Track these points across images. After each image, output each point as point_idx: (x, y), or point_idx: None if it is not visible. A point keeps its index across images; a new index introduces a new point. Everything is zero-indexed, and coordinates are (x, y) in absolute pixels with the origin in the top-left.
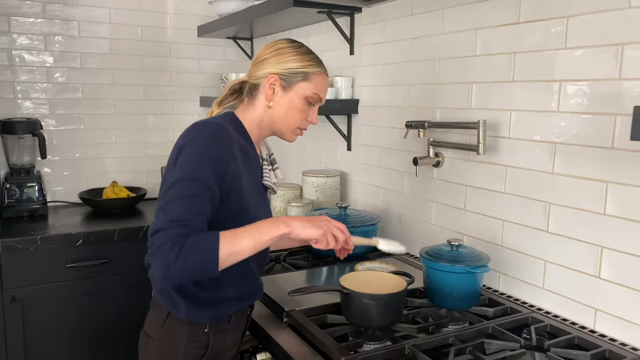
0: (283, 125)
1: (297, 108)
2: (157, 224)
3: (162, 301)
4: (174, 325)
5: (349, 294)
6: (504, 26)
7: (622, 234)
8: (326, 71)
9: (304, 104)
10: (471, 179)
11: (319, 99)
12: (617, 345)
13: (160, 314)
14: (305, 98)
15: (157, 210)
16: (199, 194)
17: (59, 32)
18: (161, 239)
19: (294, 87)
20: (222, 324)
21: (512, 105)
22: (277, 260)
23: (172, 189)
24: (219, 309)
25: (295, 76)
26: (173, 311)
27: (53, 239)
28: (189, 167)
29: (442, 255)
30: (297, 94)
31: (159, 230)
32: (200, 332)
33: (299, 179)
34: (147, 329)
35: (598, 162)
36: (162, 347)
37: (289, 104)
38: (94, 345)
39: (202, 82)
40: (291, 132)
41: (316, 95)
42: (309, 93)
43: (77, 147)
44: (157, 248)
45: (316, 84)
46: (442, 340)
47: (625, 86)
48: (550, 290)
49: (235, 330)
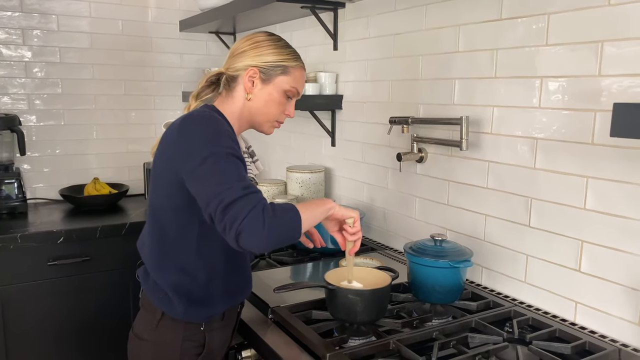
0: (262, 117)
1: (275, 101)
2: (232, 194)
3: (156, 301)
4: (170, 326)
5: (334, 289)
6: (486, 22)
7: (602, 228)
8: (304, 66)
9: (282, 98)
10: (454, 175)
11: (297, 92)
12: (597, 337)
13: (153, 314)
14: (284, 92)
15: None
16: (239, 163)
17: (37, 26)
18: (247, 205)
19: (273, 80)
20: (215, 322)
21: (495, 101)
22: (262, 257)
23: (213, 164)
24: (213, 306)
25: (275, 69)
26: (168, 311)
27: (33, 237)
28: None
29: (425, 250)
30: (276, 87)
31: (237, 199)
32: (197, 330)
33: (282, 175)
34: (139, 331)
35: (578, 157)
36: (157, 349)
37: (268, 97)
38: (77, 344)
39: (185, 77)
40: (269, 124)
41: (294, 89)
42: (287, 87)
43: (57, 143)
44: (248, 213)
45: (295, 77)
46: (426, 334)
47: (605, 83)
48: (532, 284)
49: (226, 328)
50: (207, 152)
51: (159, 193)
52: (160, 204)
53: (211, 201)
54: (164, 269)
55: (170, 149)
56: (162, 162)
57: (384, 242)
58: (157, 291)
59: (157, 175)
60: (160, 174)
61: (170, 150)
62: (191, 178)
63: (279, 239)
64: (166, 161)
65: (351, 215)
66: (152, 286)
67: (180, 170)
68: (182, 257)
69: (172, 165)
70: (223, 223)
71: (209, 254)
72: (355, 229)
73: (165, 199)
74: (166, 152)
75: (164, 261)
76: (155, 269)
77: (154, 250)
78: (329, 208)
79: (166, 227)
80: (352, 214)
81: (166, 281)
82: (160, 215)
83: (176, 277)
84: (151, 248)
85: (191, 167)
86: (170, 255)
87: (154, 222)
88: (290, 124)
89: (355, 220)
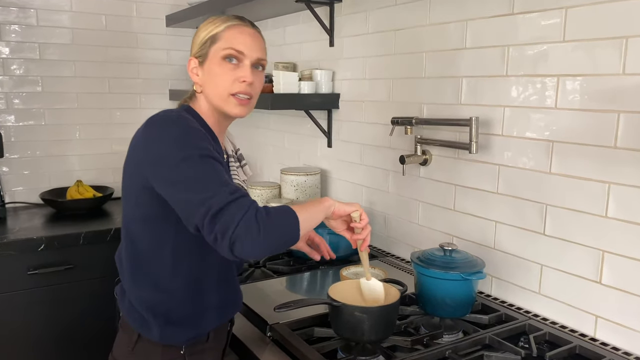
0: (216, 99)
1: (217, 73)
2: (220, 201)
3: (131, 322)
4: (146, 350)
5: (339, 306)
6: (496, 17)
7: (625, 237)
8: (243, 23)
9: (222, 66)
10: (461, 178)
11: (237, 51)
12: (620, 355)
13: (129, 336)
14: (221, 58)
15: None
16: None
17: (15, 21)
18: (238, 211)
19: (208, 57)
20: (199, 344)
21: (505, 101)
22: (257, 266)
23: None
24: (194, 326)
25: (204, 46)
26: (144, 333)
27: (12, 245)
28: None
29: (434, 261)
30: (212, 60)
31: (226, 206)
32: (176, 354)
33: (275, 176)
34: (116, 354)
35: (599, 162)
36: None
37: (209, 74)
38: (59, 356)
39: (171, 74)
40: (225, 101)
41: (230, 48)
42: (221, 52)
43: (37, 144)
44: (241, 219)
45: (226, 39)
46: (439, 354)
47: (630, 82)
48: (547, 296)
49: (214, 350)
50: (179, 156)
51: (129, 203)
52: (130, 215)
53: (196, 211)
54: (138, 286)
55: (137, 155)
56: (130, 168)
57: (384, 249)
58: (132, 310)
59: (126, 184)
60: (128, 182)
61: (137, 156)
62: (165, 185)
63: (277, 244)
64: (135, 166)
65: (354, 209)
66: (127, 305)
67: (150, 177)
68: (156, 272)
69: (141, 171)
70: (213, 233)
71: (187, 267)
72: (364, 222)
73: (135, 209)
74: (134, 158)
75: (138, 277)
76: (130, 286)
77: (128, 264)
78: (328, 206)
79: (138, 240)
80: (354, 207)
81: (140, 300)
82: (131, 226)
83: (151, 295)
84: (126, 262)
85: (163, 173)
86: (143, 270)
87: (126, 234)
88: (284, 124)
89: (361, 213)
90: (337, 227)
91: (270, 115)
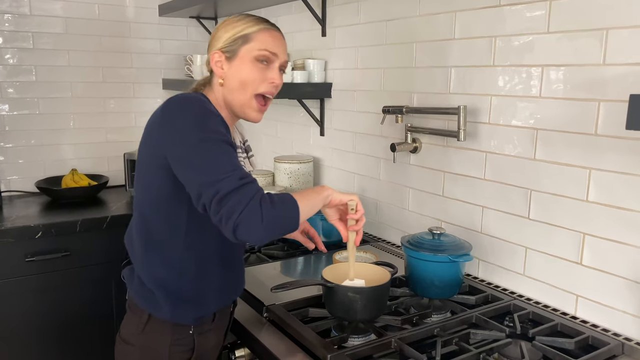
0: (239, 97)
1: (248, 72)
2: (228, 185)
3: (142, 303)
4: (157, 329)
5: (333, 287)
6: (484, 9)
7: (605, 220)
8: (272, 27)
9: (254, 66)
10: (450, 165)
11: (271, 54)
12: (599, 332)
13: (139, 317)
14: (254, 59)
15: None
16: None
17: (8, 10)
18: (244, 197)
19: (238, 54)
20: (205, 324)
21: (493, 90)
22: (252, 251)
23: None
24: (203, 305)
25: (235, 43)
26: (154, 312)
27: (10, 232)
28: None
29: (423, 244)
30: (244, 59)
31: (233, 191)
32: (185, 334)
33: (268, 165)
34: (125, 335)
35: (581, 148)
36: (144, 354)
37: (239, 72)
38: (58, 342)
39: (165, 63)
40: (250, 105)
41: (265, 51)
42: (255, 52)
43: (32, 133)
44: (246, 205)
45: (261, 40)
46: (428, 331)
47: (610, 72)
48: (531, 277)
49: (218, 330)
50: (197, 136)
51: (145, 183)
52: (146, 195)
53: (205, 191)
54: (150, 266)
55: (155, 133)
56: (147, 148)
57: (376, 234)
58: (143, 291)
59: (142, 164)
60: (145, 161)
61: (156, 135)
62: (180, 164)
63: (278, 231)
64: (152, 147)
65: (351, 198)
66: (137, 286)
67: (168, 155)
68: (169, 251)
69: (159, 151)
70: (219, 215)
71: (198, 247)
72: (360, 213)
73: (151, 189)
74: (152, 138)
75: (150, 257)
76: (142, 266)
77: (140, 245)
78: (326, 195)
79: (152, 220)
80: (351, 197)
81: (152, 278)
82: (146, 206)
83: (163, 274)
84: (138, 243)
85: (180, 152)
86: (156, 249)
87: (140, 215)
88: (277, 113)
89: (358, 203)
90: (331, 216)
91: None
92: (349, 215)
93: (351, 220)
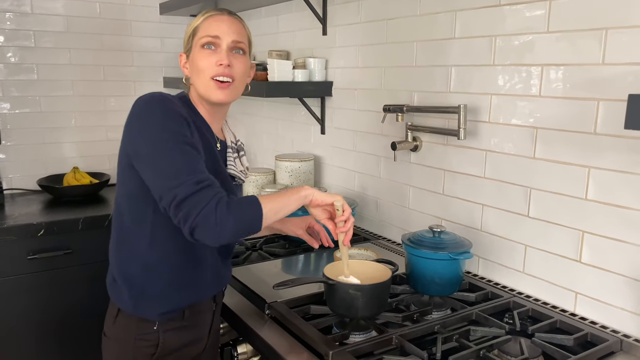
0: (199, 86)
1: (198, 60)
2: (185, 191)
3: (113, 296)
4: (124, 322)
5: (334, 284)
6: (484, 8)
7: (604, 218)
8: (219, 12)
9: (202, 52)
10: (450, 164)
11: (212, 37)
12: (598, 328)
13: (112, 309)
14: (201, 46)
15: (159, 178)
16: (192, 152)
17: (10, 9)
18: (201, 201)
19: (192, 49)
20: (173, 321)
21: (492, 89)
22: (254, 249)
23: (162, 153)
24: (168, 302)
25: (189, 40)
26: (122, 306)
27: (12, 230)
28: (165, 126)
29: (424, 241)
30: (194, 51)
31: (189, 196)
32: (149, 329)
33: (269, 163)
34: (105, 327)
35: (580, 147)
36: (115, 345)
37: (193, 63)
38: (59, 339)
39: (165, 62)
40: (207, 87)
41: (207, 36)
42: (200, 41)
43: (34, 131)
44: (201, 210)
45: (204, 28)
46: (428, 328)
47: (609, 71)
48: (531, 274)
49: (194, 327)
50: (157, 137)
51: (119, 180)
52: (119, 191)
53: (164, 196)
54: (119, 260)
55: (124, 133)
56: (121, 147)
57: (376, 232)
58: (113, 284)
59: (119, 162)
60: (119, 160)
61: (124, 134)
62: (142, 164)
63: (235, 232)
64: (122, 146)
65: (334, 199)
66: (110, 279)
67: (131, 155)
68: (135, 247)
69: (124, 149)
70: (177, 218)
71: (163, 243)
72: (346, 215)
73: (121, 186)
74: (123, 137)
75: (119, 252)
76: (112, 260)
77: (113, 240)
78: (304, 195)
79: (123, 216)
80: (335, 197)
81: (120, 273)
82: (119, 202)
83: (130, 269)
84: (112, 238)
85: (140, 152)
86: (125, 245)
87: (116, 210)
88: (278, 111)
89: (343, 204)
90: (319, 216)
91: (263, 102)
92: (336, 218)
93: (340, 222)
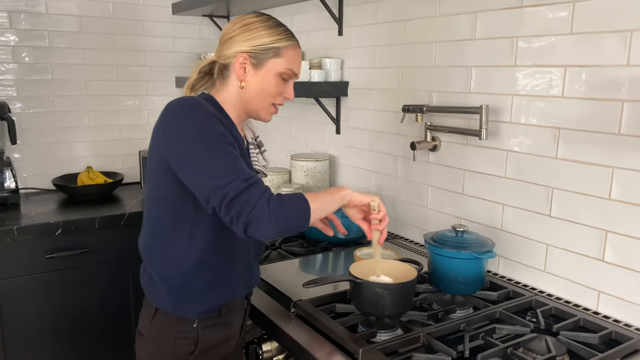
0: (257, 104)
1: (270, 86)
2: (235, 189)
3: (150, 297)
4: (163, 321)
5: (361, 283)
6: (505, 10)
7: (628, 218)
8: (298, 43)
9: (277, 81)
10: (470, 164)
11: (293, 73)
12: (622, 327)
13: (149, 310)
14: (279, 74)
15: (206, 179)
16: (233, 152)
17: (25, 9)
18: (253, 197)
19: (265, 64)
20: (211, 319)
21: (514, 90)
22: (273, 247)
23: (206, 155)
24: (208, 301)
25: (266, 53)
26: (160, 305)
27: (30, 229)
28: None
29: (447, 241)
30: (270, 71)
31: (241, 193)
32: (189, 327)
33: (283, 162)
34: (140, 327)
35: (603, 147)
36: (152, 345)
37: (262, 82)
38: (76, 337)
39: (178, 61)
40: (266, 110)
41: (289, 70)
42: (281, 69)
43: (48, 130)
44: (254, 206)
45: (288, 58)
46: (454, 326)
47: (634, 72)
48: (552, 273)
49: (229, 325)
50: (198, 140)
51: (152, 183)
52: (154, 194)
53: (213, 195)
54: (157, 261)
55: (157, 138)
56: (153, 152)
57: (394, 232)
58: (150, 285)
59: (149, 166)
60: (151, 164)
61: (158, 140)
62: (184, 168)
63: (286, 229)
64: (157, 151)
65: (372, 199)
66: (146, 280)
67: (170, 160)
68: (174, 248)
69: (160, 155)
70: (230, 216)
71: (202, 243)
72: (382, 213)
73: (157, 190)
74: (156, 143)
75: (156, 252)
76: (149, 262)
77: (149, 241)
78: (344, 195)
79: (159, 217)
80: (372, 198)
81: (158, 274)
82: (153, 206)
83: (168, 269)
84: (146, 239)
85: (181, 156)
86: (162, 245)
87: (148, 213)
88: (292, 111)
89: (379, 203)
90: (354, 216)
91: None
92: (372, 215)
93: (374, 220)
